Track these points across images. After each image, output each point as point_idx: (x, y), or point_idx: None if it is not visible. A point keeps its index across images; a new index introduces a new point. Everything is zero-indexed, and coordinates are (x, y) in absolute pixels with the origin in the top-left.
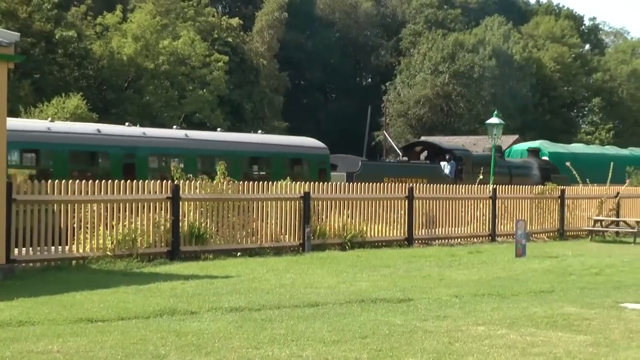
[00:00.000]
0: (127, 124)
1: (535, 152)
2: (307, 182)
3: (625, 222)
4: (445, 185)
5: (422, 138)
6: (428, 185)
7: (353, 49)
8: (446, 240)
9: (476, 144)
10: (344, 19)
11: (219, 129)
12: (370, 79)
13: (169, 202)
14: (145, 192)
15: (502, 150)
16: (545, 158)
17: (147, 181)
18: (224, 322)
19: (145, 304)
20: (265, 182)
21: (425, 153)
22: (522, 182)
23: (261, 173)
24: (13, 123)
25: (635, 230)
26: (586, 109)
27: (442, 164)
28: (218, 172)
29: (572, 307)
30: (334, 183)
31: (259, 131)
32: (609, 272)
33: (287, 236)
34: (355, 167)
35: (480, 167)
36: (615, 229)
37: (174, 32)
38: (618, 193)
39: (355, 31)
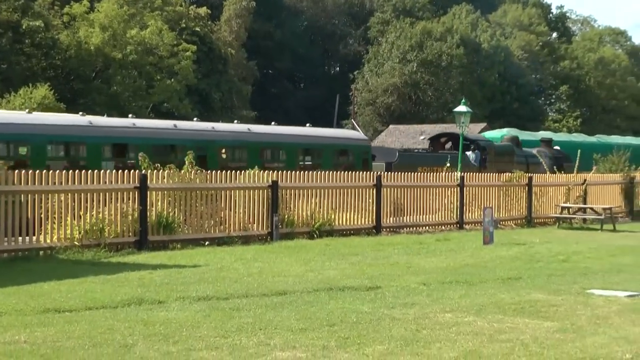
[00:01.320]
0: (195, 119)
1: (547, 142)
2: (275, 171)
3: (592, 209)
4: (413, 173)
5: (391, 126)
6: (396, 173)
7: (321, 37)
8: (414, 228)
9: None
10: (312, 8)
11: (273, 123)
12: (338, 68)
13: (136, 192)
14: (113, 182)
15: (518, 140)
16: (557, 147)
17: (114, 171)
18: (191, 312)
19: (113, 294)
20: (234, 171)
21: (450, 143)
22: (538, 171)
23: (314, 163)
24: (105, 120)
25: (602, 217)
26: (554, 96)
27: (468, 153)
28: (186, 162)
29: (540, 294)
30: (301, 172)
31: (307, 124)
32: (576, 259)
33: (255, 225)
34: (393, 157)
35: (500, 156)
36: (583, 216)
37: (142, 21)
38: (585, 180)
39: (323, 20)
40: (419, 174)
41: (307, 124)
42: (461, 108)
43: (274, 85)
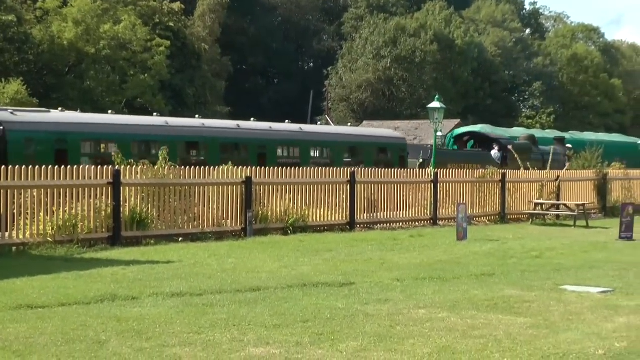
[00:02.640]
0: (252, 119)
1: (560, 140)
2: (249, 167)
3: (565, 205)
4: (387, 169)
5: (365, 122)
6: (370, 169)
7: (295, 33)
8: (388, 225)
9: (418, 128)
10: (286, 4)
11: (318, 122)
12: (312, 64)
13: (110, 188)
14: (86, 178)
15: (535, 138)
16: (569, 145)
17: (87, 166)
18: (165, 308)
19: (86, 290)
20: (207, 166)
21: (472, 142)
22: (553, 167)
23: (357, 160)
24: (178, 120)
25: (576, 213)
26: (527, 93)
27: (492, 152)
28: (160, 157)
29: (513, 290)
30: (275, 168)
31: (348, 124)
32: (549, 255)
33: (229, 221)
34: (426, 154)
35: (519, 153)
36: (556, 212)
37: (115, 16)
38: (558, 177)
39: (297, 15)
40: (392, 170)
41: (348, 123)
42: (435, 104)
43: (247, 80)
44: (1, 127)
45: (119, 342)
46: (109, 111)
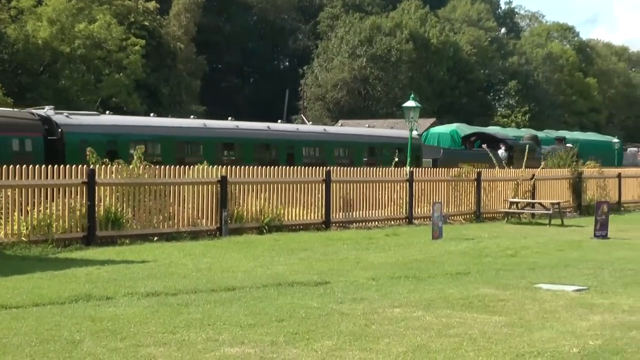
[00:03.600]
0: (279, 121)
1: (561, 140)
2: (224, 166)
3: (540, 204)
4: (362, 168)
5: (340, 121)
6: (345, 168)
7: (271, 32)
8: (364, 224)
9: (394, 127)
10: (262, 2)
11: (339, 123)
12: (287, 63)
13: (84, 187)
14: (61, 177)
15: (538, 139)
16: (569, 145)
17: (62, 166)
18: (139, 307)
19: (60, 290)
20: (187, 166)
21: (478, 142)
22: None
23: (377, 160)
24: (215, 122)
25: (551, 212)
26: (502, 92)
27: (499, 151)
28: (135, 157)
29: (488, 289)
30: (251, 167)
31: (367, 125)
32: (524, 254)
33: (204, 220)
34: (438, 154)
35: (524, 153)
36: (531, 211)
37: (90, 15)
38: (533, 175)
39: (272, 14)
40: (368, 168)
41: (367, 125)
42: (410, 103)
43: (223, 79)
44: (59, 130)
45: (93, 342)
46: (151, 114)
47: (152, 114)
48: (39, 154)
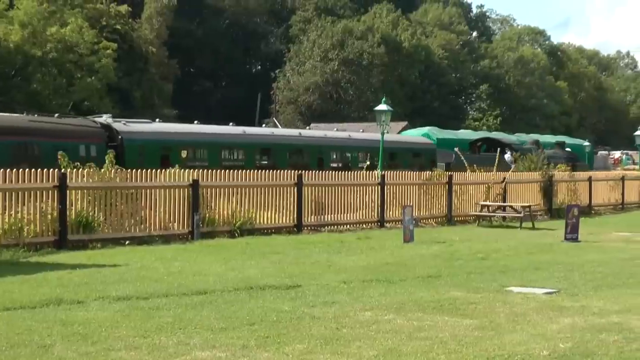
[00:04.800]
0: (308, 127)
1: (561, 145)
2: (196, 170)
3: (511, 207)
4: (335, 172)
5: (312, 125)
6: (317, 172)
7: (243, 36)
8: (335, 227)
9: (365, 131)
10: (234, 6)
11: (360, 130)
12: (260, 66)
13: (56, 191)
14: (32, 181)
15: (539, 143)
16: (568, 149)
17: (33, 170)
18: (111, 311)
19: (31, 294)
20: (156, 169)
21: (484, 147)
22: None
23: (397, 163)
24: (253, 129)
25: (522, 215)
26: (474, 95)
27: (506, 155)
28: (107, 161)
29: (459, 292)
30: (223, 170)
31: (386, 130)
32: (495, 257)
33: (176, 224)
34: (450, 158)
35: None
36: (502, 214)
37: (62, 19)
38: (504, 178)
39: (245, 18)
40: (340, 172)
41: (386, 130)
42: (381, 107)
43: (195, 83)
44: (119, 137)
45: (64, 346)
46: (195, 121)
47: (195, 122)
48: (102, 159)
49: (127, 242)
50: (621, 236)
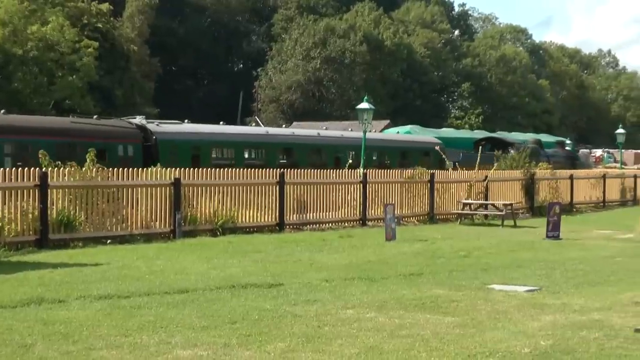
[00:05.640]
0: (324, 127)
1: (561, 144)
2: (177, 169)
3: (493, 205)
4: (316, 170)
5: (295, 123)
6: (299, 170)
7: (225, 34)
8: (317, 225)
9: (347, 129)
10: (215, 4)
11: (373, 129)
12: (242, 65)
13: (37, 190)
14: (13, 180)
15: (541, 142)
16: (568, 148)
17: (14, 168)
18: (92, 310)
19: (12, 294)
20: (137, 168)
21: (488, 146)
22: (557, 168)
23: (408, 162)
24: (275, 130)
25: (503, 213)
26: (456, 94)
27: (510, 155)
28: (87, 160)
29: (441, 290)
30: (205, 169)
31: (397, 131)
32: (477, 255)
33: (157, 223)
34: (458, 157)
35: (530, 156)
36: (484, 212)
37: (43, 17)
38: (486, 177)
39: (227, 16)
40: (322, 171)
41: (397, 131)
42: (363, 105)
43: (177, 82)
44: (154, 137)
45: (45, 345)
46: (220, 122)
47: (221, 122)
48: (138, 158)
49: (108, 241)
50: (602, 234)
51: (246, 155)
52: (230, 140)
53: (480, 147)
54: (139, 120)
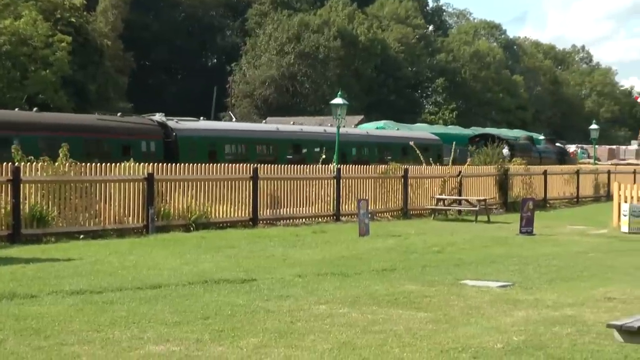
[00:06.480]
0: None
1: (551, 140)
2: (151, 163)
3: (467, 200)
4: (290, 165)
5: (269, 118)
6: (273, 165)
7: (199, 29)
8: (291, 221)
9: (322, 124)
10: None
11: (376, 126)
12: (216, 60)
13: (9, 185)
14: None
15: (532, 139)
16: (559, 144)
17: None
18: (64, 306)
19: None
20: (109, 163)
21: (482, 142)
22: (548, 163)
23: (409, 157)
24: (284, 127)
25: (477, 208)
26: (430, 89)
27: (504, 150)
28: (60, 154)
29: (413, 285)
30: (179, 164)
31: (396, 128)
32: (450, 250)
33: (131, 218)
34: (455, 153)
35: (522, 152)
36: (458, 208)
37: (16, 11)
38: (460, 172)
39: (201, 11)
40: (297, 166)
41: (396, 128)
42: (337, 100)
43: (150, 76)
44: (174, 134)
45: (16, 340)
46: (233, 119)
47: (234, 119)
48: (160, 154)
49: (81, 236)
50: (576, 229)
51: (258, 151)
52: (244, 137)
53: (475, 144)
54: (159, 117)
